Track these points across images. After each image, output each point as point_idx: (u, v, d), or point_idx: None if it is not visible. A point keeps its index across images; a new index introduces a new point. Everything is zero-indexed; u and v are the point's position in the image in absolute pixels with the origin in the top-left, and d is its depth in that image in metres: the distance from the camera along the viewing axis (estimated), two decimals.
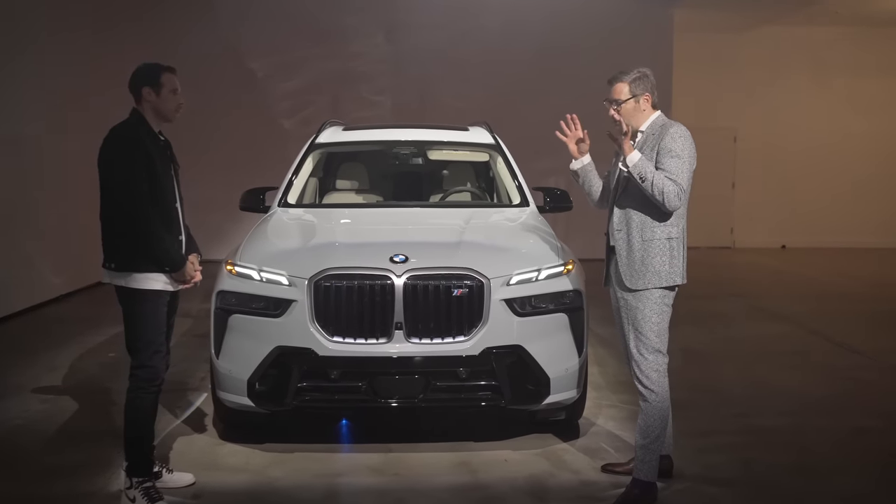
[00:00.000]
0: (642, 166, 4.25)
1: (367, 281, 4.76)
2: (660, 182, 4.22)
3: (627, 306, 4.40)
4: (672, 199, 4.24)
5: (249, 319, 4.87)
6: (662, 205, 4.26)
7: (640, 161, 4.27)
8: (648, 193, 4.26)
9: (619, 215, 4.43)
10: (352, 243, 5.21)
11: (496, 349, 4.80)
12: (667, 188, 4.22)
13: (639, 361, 4.38)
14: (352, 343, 4.76)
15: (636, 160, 4.27)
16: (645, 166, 4.26)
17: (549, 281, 4.99)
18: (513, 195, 6.40)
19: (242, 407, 4.95)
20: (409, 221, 5.83)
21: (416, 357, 4.77)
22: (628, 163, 4.30)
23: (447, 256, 4.94)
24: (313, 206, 6.49)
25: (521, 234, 5.56)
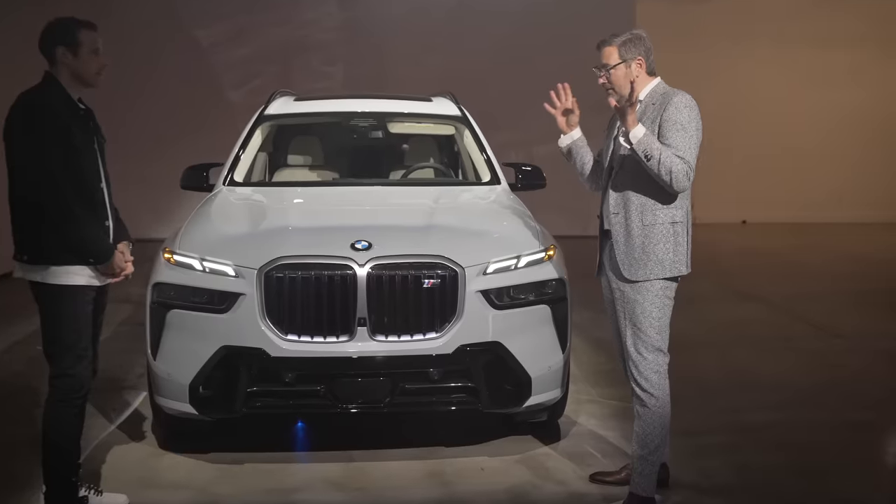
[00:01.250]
0: (648, 143, 3.69)
1: (325, 271, 4.14)
2: (668, 160, 3.66)
3: (625, 299, 3.85)
4: (681, 180, 3.70)
5: (191, 315, 4.23)
6: (669, 186, 3.71)
7: (644, 136, 3.70)
8: (654, 173, 3.70)
9: (615, 197, 3.87)
10: (307, 228, 4.57)
11: (472, 346, 4.23)
12: (675, 167, 3.67)
13: (637, 362, 3.84)
14: (308, 342, 4.16)
15: (640, 135, 3.70)
16: (650, 142, 3.69)
17: (529, 269, 4.42)
18: (482, 172, 5.80)
19: (184, 414, 4.32)
20: (371, 202, 5.21)
21: (382, 357, 4.18)
22: (632, 138, 3.73)
23: (416, 242, 4.34)
24: (262, 185, 5.83)
25: (496, 215, 4.97)
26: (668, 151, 3.68)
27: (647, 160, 3.69)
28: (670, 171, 3.67)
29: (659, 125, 3.76)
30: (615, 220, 3.88)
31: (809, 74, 14.75)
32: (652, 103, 3.84)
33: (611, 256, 3.95)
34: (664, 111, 3.77)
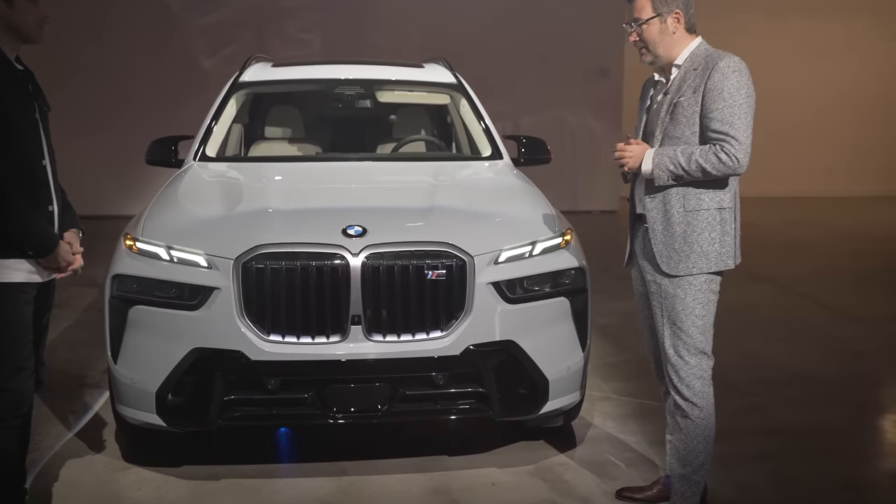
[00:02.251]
0: (667, 165, 3.21)
1: (312, 261, 3.53)
2: (705, 159, 3.16)
3: (662, 294, 3.29)
4: (733, 166, 3.16)
5: (157, 313, 3.61)
6: (725, 176, 3.19)
7: (657, 167, 3.23)
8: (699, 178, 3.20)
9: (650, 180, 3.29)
10: (292, 210, 3.93)
11: (482, 346, 3.65)
12: (722, 157, 3.15)
13: (677, 366, 3.28)
14: (294, 343, 3.56)
15: (651, 168, 3.25)
16: (667, 164, 3.21)
17: (544, 257, 3.83)
18: (481, 146, 5.19)
19: (150, 426, 3.71)
20: (362, 180, 4.58)
21: (379, 359, 3.59)
22: (645, 175, 3.29)
23: (417, 227, 3.74)
24: (238, 160, 5.18)
25: (505, 195, 4.36)
26: (702, 152, 3.16)
27: (679, 180, 3.22)
28: (717, 167, 3.15)
29: (702, 95, 3.18)
30: (651, 204, 3.30)
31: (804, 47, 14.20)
32: (693, 68, 3.25)
33: (644, 245, 3.38)
34: (708, 78, 3.18)
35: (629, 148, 3.29)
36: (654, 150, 3.23)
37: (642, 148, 3.27)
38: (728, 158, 3.12)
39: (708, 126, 3.17)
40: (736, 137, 3.12)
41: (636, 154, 3.27)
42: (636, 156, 3.27)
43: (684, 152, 3.17)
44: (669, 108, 3.27)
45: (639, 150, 3.27)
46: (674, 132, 3.25)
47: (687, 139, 3.23)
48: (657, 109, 3.36)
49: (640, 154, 3.26)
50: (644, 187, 3.34)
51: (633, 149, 3.28)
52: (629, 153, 3.28)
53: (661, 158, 3.20)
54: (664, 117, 3.28)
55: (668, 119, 3.27)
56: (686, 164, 3.15)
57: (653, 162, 3.21)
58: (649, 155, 3.23)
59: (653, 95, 3.44)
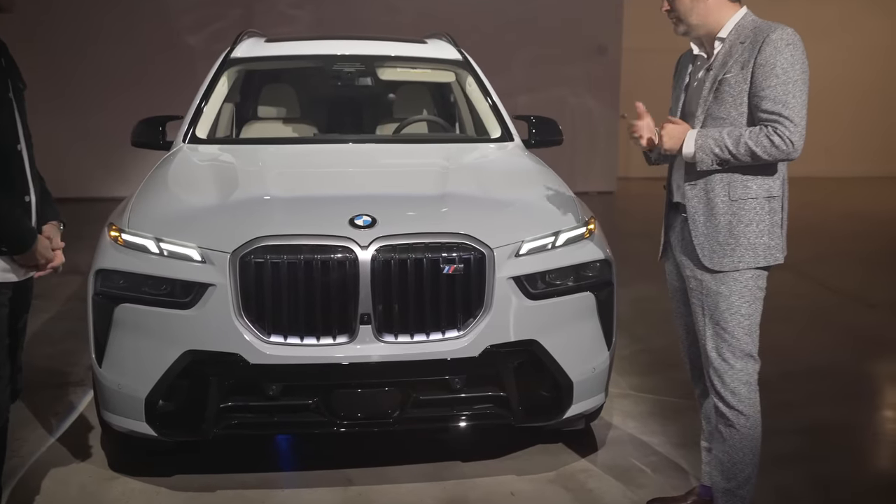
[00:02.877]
0: (711, 149, 2.88)
1: (317, 255, 3.20)
2: (755, 142, 2.83)
3: (704, 291, 2.97)
4: (788, 150, 2.83)
5: (145, 312, 3.27)
6: (776, 161, 2.87)
7: (700, 149, 2.89)
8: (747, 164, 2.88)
9: (691, 165, 2.97)
10: (293, 198, 3.58)
11: (502, 347, 3.33)
12: (775, 140, 2.82)
13: (720, 371, 2.97)
14: (297, 345, 3.23)
15: (692, 150, 2.90)
16: (711, 145, 2.87)
17: (568, 248, 3.51)
18: (490, 126, 4.85)
19: (139, 435, 3.37)
20: (367, 164, 4.24)
21: (390, 362, 3.26)
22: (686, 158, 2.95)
23: (431, 217, 3.41)
24: (231, 142, 4.82)
25: (522, 181, 4.02)
26: (745, 135, 2.83)
27: (724, 164, 2.89)
28: (767, 150, 2.82)
29: (752, 71, 2.85)
30: (691, 192, 2.98)
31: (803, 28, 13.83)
32: (740, 42, 2.91)
33: (683, 237, 3.06)
34: (758, 53, 2.85)
35: (668, 127, 2.95)
36: (696, 132, 2.91)
37: (683, 128, 2.94)
38: (782, 142, 2.79)
39: (758, 106, 2.84)
40: (790, 118, 2.80)
41: (676, 134, 2.94)
42: (675, 136, 2.94)
43: (731, 134, 2.84)
44: (713, 85, 2.94)
45: (679, 130, 2.94)
46: (718, 112, 2.93)
47: (733, 120, 2.90)
48: (698, 87, 3.03)
49: (679, 134, 2.93)
50: (683, 173, 3.02)
51: (672, 128, 2.95)
52: (667, 132, 2.94)
53: (705, 141, 2.87)
54: (707, 96, 2.96)
55: (711, 98, 2.94)
56: (734, 147, 2.83)
57: (695, 144, 2.89)
58: (691, 136, 2.90)
59: (692, 72, 3.11)
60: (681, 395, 4.57)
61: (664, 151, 2.99)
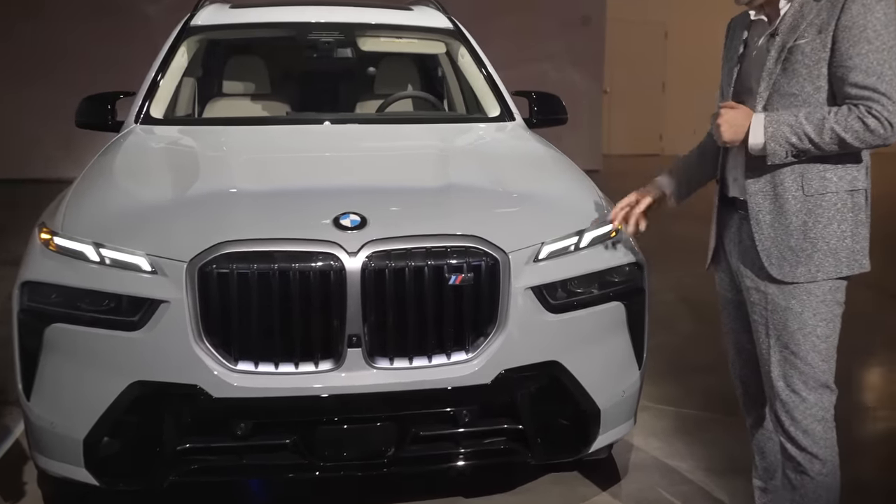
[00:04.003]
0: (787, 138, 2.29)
1: (295, 263, 2.57)
2: (845, 127, 2.25)
3: (770, 306, 2.40)
4: (886, 134, 2.26)
5: (83, 334, 2.62)
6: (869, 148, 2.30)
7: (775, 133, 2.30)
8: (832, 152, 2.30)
9: None
10: (265, 192, 2.92)
11: (519, 371, 2.73)
12: (870, 123, 2.24)
13: (790, 405, 2.40)
14: (271, 373, 2.61)
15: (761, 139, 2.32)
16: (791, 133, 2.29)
17: (594, 251, 2.91)
18: (487, 104, 4.23)
19: (77, 481, 2.74)
20: (350, 148, 3.60)
21: (385, 392, 2.65)
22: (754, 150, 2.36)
23: (433, 215, 2.79)
24: (192, 123, 4.16)
25: (533, 169, 3.39)
26: (830, 119, 2.25)
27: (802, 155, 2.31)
28: (859, 136, 2.25)
29: (833, 35, 2.26)
30: (754, 186, 2.39)
31: None
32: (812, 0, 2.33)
33: (741, 240, 2.49)
34: (841, 12, 2.25)
35: (726, 113, 2.36)
36: (764, 117, 2.31)
37: (744, 113, 2.34)
38: (879, 124, 2.21)
39: (845, 79, 2.25)
40: (888, 94, 2.21)
41: (737, 122, 2.34)
42: (737, 124, 2.34)
43: (811, 118, 2.25)
44: (781, 54, 2.34)
45: (739, 116, 2.34)
46: (787, 88, 2.33)
47: (807, 97, 2.31)
48: (758, 57, 2.43)
49: (741, 121, 2.33)
50: (743, 161, 2.43)
51: (731, 115, 2.35)
52: (726, 120, 2.35)
53: (778, 128, 2.28)
54: (772, 68, 2.36)
55: (778, 70, 2.35)
56: (816, 135, 2.24)
57: (765, 133, 2.29)
58: (759, 123, 2.30)
59: (748, 39, 2.51)
60: (702, 406, 4.05)
61: (722, 144, 2.39)
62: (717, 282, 2.67)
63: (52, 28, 9.94)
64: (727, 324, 2.68)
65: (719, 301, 2.69)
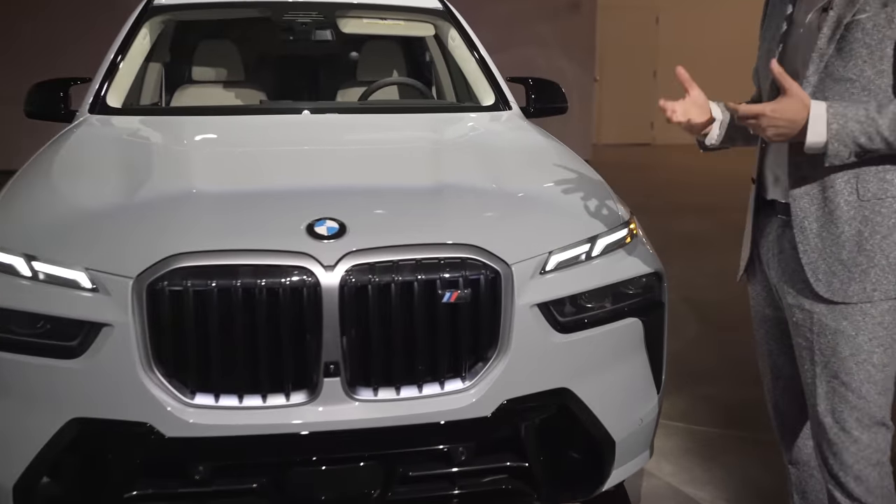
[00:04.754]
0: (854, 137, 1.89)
1: (262, 280, 2.16)
2: None
3: (817, 330, 2.03)
4: None
5: (13, 362, 2.20)
6: None
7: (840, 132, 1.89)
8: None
9: (797, 146, 1.98)
10: (227, 195, 2.49)
11: (524, 402, 2.34)
12: None
13: (838, 444, 2.03)
14: (234, 408, 2.21)
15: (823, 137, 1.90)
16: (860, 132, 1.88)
17: (608, 260, 2.52)
18: (481, 92, 3.83)
19: None
20: (330, 140, 3.18)
21: (369, 429, 2.26)
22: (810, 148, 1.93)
23: (425, 220, 2.39)
24: (153, 113, 3.74)
25: (539, 165, 2.97)
26: None
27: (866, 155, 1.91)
28: None
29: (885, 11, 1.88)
30: (800, 188, 2.01)
31: None
32: None
33: (782, 249, 2.11)
34: None
35: (781, 104, 1.93)
36: (827, 110, 1.90)
37: (797, 103, 1.93)
38: None
39: None
40: None
41: (790, 115, 1.91)
42: (790, 118, 1.91)
43: (886, 113, 1.86)
44: (836, 32, 1.95)
45: (792, 107, 1.92)
46: (843, 72, 1.94)
47: (867, 83, 1.92)
48: (806, 36, 2.03)
49: (795, 115, 1.92)
50: (786, 158, 2.04)
51: (784, 106, 1.92)
52: (777, 111, 1.94)
53: (846, 125, 1.88)
54: (825, 48, 1.96)
55: (831, 51, 1.96)
56: (891, 132, 1.86)
57: (829, 130, 1.89)
58: (820, 117, 1.89)
59: (794, 13, 2.11)
60: (713, 421, 3.72)
61: (770, 140, 1.99)
62: (751, 296, 2.29)
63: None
64: (763, 345, 2.30)
65: (753, 318, 2.31)
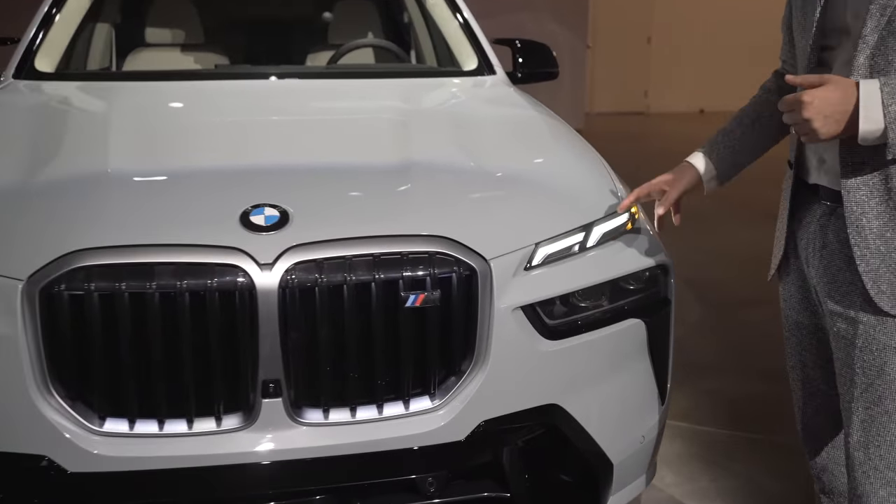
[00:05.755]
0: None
1: (184, 281, 1.74)
2: None
3: (863, 343, 1.63)
4: None
5: None
6: None
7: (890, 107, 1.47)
8: None
9: None
10: (146, 176, 2.05)
11: (506, 421, 1.93)
12: None
13: (865, 485, 1.64)
14: (152, 435, 1.80)
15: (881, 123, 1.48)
16: None
17: (605, 251, 2.10)
18: (462, 55, 3.38)
19: None
20: (288, 110, 2.72)
21: (319, 458, 1.85)
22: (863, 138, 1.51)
23: (385, 207, 1.96)
24: (89, 79, 3.27)
25: (526, 139, 2.53)
26: None
27: None
28: None
29: None
30: (854, 176, 1.59)
31: None
32: None
33: (826, 243, 1.70)
34: None
35: (823, 92, 1.49)
36: (881, 88, 1.46)
37: (843, 90, 1.48)
38: None
39: None
40: None
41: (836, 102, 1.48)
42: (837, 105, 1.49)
43: None
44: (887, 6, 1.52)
45: (837, 93, 1.48)
46: None
47: None
48: (853, 5, 1.59)
49: (840, 103, 1.49)
50: (842, 144, 1.61)
51: (828, 93, 1.48)
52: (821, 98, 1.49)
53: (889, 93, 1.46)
54: (875, 23, 1.53)
55: (882, 25, 1.52)
56: None
57: (887, 113, 1.46)
58: (873, 98, 1.46)
59: None
60: (718, 420, 3.35)
61: (820, 138, 1.54)
62: (783, 298, 1.88)
63: None
64: (794, 356, 1.90)
65: (784, 323, 1.91)
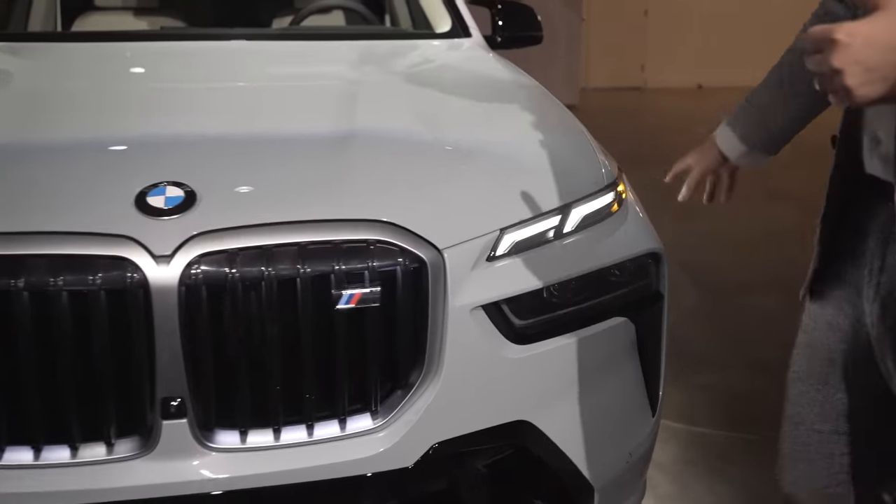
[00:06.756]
0: None
1: (61, 278, 1.39)
2: None
3: None
4: None
5: None
6: None
7: None
8: None
9: None
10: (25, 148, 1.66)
11: (463, 443, 1.59)
12: None
13: None
14: (28, 466, 1.45)
15: None
16: None
17: (586, 236, 1.74)
18: (434, 16, 3.02)
19: None
20: (220, 75, 2.35)
21: (234, 490, 1.50)
22: None
23: (314, 185, 1.60)
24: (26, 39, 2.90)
25: (496, 108, 2.16)
26: None
27: None
28: None
29: None
30: None
31: None
32: None
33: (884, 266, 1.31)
34: None
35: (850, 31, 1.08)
36: None
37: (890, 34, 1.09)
38: None
39: None
40: None
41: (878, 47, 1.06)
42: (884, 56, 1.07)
43: None
44: None
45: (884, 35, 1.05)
46: None
47: None
48: None
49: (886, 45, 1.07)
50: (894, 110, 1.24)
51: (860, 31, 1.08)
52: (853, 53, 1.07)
53: None
54: None
55: None
56: None
57: None
58: None
59: None
60: (714, 420, 3.03)
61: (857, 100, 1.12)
62: (811, 317, 1.49)
63: None
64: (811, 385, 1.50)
65: (802, 346, 1.52)
